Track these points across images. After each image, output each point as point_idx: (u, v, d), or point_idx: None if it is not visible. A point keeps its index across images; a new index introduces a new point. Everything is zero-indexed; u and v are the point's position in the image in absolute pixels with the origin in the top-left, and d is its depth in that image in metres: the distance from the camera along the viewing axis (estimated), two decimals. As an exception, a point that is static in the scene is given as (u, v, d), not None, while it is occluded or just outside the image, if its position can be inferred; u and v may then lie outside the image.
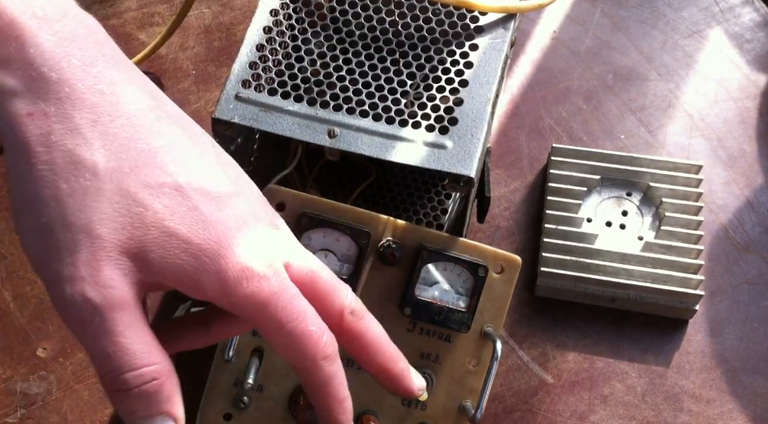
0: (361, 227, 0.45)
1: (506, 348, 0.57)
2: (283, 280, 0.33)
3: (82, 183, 0.30)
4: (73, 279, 0.29)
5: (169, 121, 0.33)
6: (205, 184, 0.32)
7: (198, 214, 0.32)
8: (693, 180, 0.60)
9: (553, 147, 0.61)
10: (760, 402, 0.55)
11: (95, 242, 0.30)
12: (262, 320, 0.32)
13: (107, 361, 0.30)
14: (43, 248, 0.30)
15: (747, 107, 0.66)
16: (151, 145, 0.32)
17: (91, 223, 0.30)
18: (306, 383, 0.35)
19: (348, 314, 0.35)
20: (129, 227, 0.30)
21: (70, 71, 0.31)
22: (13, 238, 0.59)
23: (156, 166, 0.31)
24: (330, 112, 0.46)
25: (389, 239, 0.46)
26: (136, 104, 0.32)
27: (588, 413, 0.55)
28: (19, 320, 0.57)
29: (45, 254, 0.30)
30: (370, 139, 0.45)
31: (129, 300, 0.30)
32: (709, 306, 0.58)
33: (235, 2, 0.70)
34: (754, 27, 0.70)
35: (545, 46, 0.69)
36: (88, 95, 0.31)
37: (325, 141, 0.45)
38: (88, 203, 0.30)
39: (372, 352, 0.36)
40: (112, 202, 0.30)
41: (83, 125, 0.30)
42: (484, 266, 0.46)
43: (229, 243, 0.32)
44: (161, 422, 0.31)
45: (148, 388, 0.30)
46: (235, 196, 0.33)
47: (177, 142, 0.32)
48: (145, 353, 0.30)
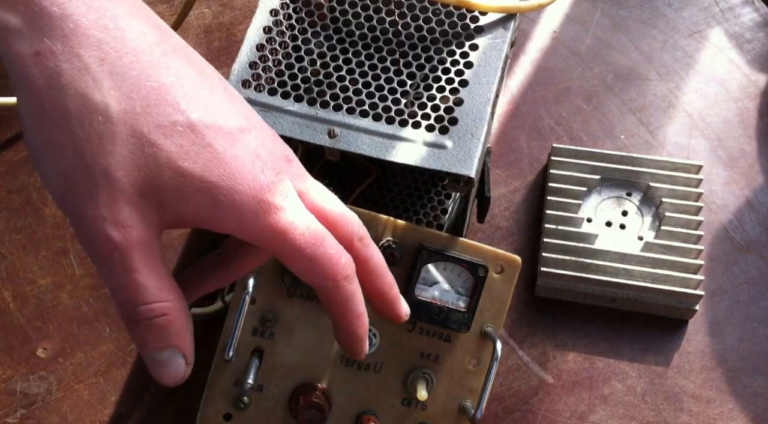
0: (361, 227, 0.45)
1: (506, 348, 0.57)
2: (299, 208, 0.34)
3: (97, 127, 0.30)
4: (95, 219, 0.31)
5: (177, 56, 0.33)
6: (217, 120, 0.33)
7: (212, 151, 0.32)
8: (693, 180, 0.60)
9: (553, 147, 0.61)
10: (760, 402, 0.55)
11: (114, 184, 0.31)
12: (283, 249, 0.33)
13: (123, 294, 0.32)
14: (65, 190, 0.31)
15: (747, 107, 0.66)
16: (161, 82, 0.32)
17: (109, 166, 0.30)
18: (328, 303, 0.36)
19: (357, 240, 0.37)
20: (144, 168, 0.31)
21: (72, 5, 0.30)
22: (12, 238, 0.59)
23: (167, 105, 0.31)
24: (330, 112, 0.46)
25: (389, 239, 0.46)
26: (142, 38, 0.32)
27: (588, 413, 0.55)
28: (19, 320, 0.57)
29: (68, 196, 0.31)
30: (370, 139, 0.45)
31: (146, 239, 0.31)
32: (709, 306, 0.58)
33: (235, 2, 0.70)
34: (754, 27, 0.70)
35: (545, 46, 0.69)
36: (93, 31, 0.31)
37: (325, 141, 0.45)
38: (104, 147, 0.30)
39: (375, 276, 0.38)
40: (128, 144, 0.31)
41: (91, 64, 0.30)
42: (484, 266, 0.46)
43: (243, 178, 0.32)
44: (170, 355, 0.33)
45: (158, 322, 0.32)
46: (247, 131, 0.34)
47: (186, 78, 0.33)
48: (158, 290, 0.32)
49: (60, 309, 0.57)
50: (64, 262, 0.59)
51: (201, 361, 0.55)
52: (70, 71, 0.30)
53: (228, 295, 0.53)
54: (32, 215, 0.60)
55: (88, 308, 0.57)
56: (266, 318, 0.45)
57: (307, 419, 0.45)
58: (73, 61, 0.30)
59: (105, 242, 0.31)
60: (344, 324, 0.37)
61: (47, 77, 0.30)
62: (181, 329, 0.33)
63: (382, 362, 0.47)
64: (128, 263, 0.31)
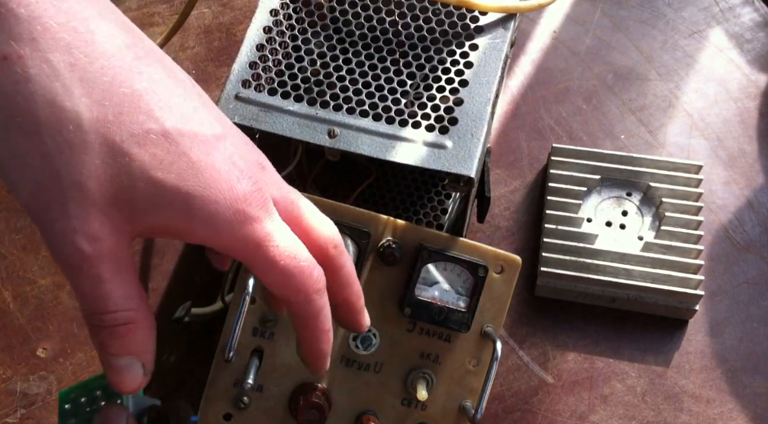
0: (361, 227, 0.45)
1: (506, 348, 0.57)
2: (275, 219, 0.33)
3: (67, 137, 0.29)
4: (65, 231, 0.30)
5: (149, 60, 0.32)
6: (192, 127, 0.32)
7: (187, 160, 0.31)
8: (693, 180, 0.60)
9: (553, 147, 0.61)
10: (760, 402, 0.55)
11: (85, 195, 0.30)
12: (256, 260, 0.33)
13: (90, 301, 0.31)
14: (34, 200, 0.30)
15: (747, 107, 0.66)
16: (134, 88, 0.31)
17: (81, 177, 0.30)
18: (297, 316, 0.36)
19: (332, 247, 0.36)
20: (117, 179, 0.30)
21: (39, 7, 0.29)
22: (12, 238, 0.59)
23: (141, 112, 0.30)
24: (330, 112, 0.46)
25: (389, 239, 0.46)
26: (113, 42, 0.31)
27: (588, 413, 0.55)
28: (19, 320, 0.57)
29: (38, 207, 0.30)
30: (370, 139, 0.45)
31: (116, 249, 0.31)
32: (709, 306, 0.58)
33: (235, 2, 0.70)
34: (754, 27, 0.70)
35: (545, 46, 0.69)
36: (63, 34, 0.29)
37: (325, 141, 0.45)
38: (75, 157, 0.29)
39: (345, 286, 0.38)
40: (100, 153, 0.30)
41: (61, 70, 0.29)
42: (484, 266, 0.46)
43: (220, 187, 0.32)
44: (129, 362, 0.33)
45: (121, 330, 0.32)
46: (223, 138, 0.33)
47: (159, 83, 0.31)
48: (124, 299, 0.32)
49: (60, 309, 0.57)
50: (64, 262, 0.59)
51: (201, 361, 0.56)
52: (39, 77, 0.29)
53: (228, 295, 0.52)
54: (32, 214, 0.60)
55: (88, 308, 0.57)
56: (266, 318, 0.45)
57: (307, 419, 0.45)
58: (42, 67, 0.29)
59: (74, 253, 0.30)
60: (309, 339, 0.36)
61: (14, 83, 0.29)
62: (143, 338, 0.33)
63: (382, 362, 0.47)
64: (97, 273, 0.31)
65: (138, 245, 0.59)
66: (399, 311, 0.46)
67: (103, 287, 0.31)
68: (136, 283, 0.32)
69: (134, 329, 0.32)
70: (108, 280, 0.31)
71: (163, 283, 0.58)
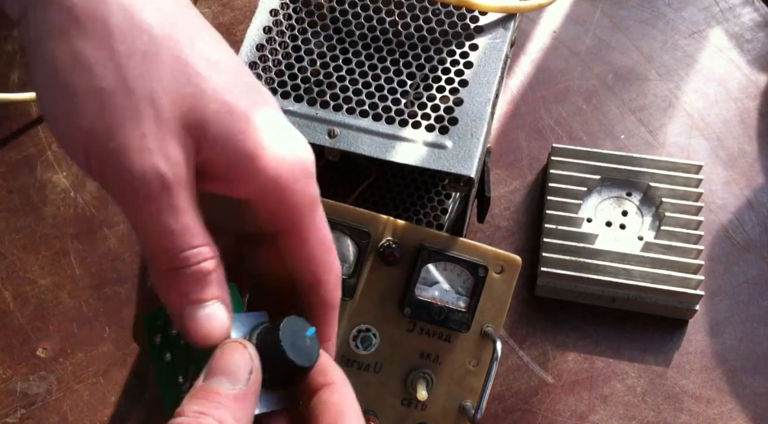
0: (361, 227, 0.45)
1: (506, 348, 0.57)
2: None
3: (140, 46, 0.27)
4: (142, 150, 0.27)
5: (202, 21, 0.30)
6: (243, 68, 0.30)
7: (261, 96, 0.30)
8: (693, 180, 0.60)
9: (553, 147, 0.61)
10: (760, 402, 0.55)
11: (159, 113, 0.27)
12: (305, 221, 0.31)
13: (169, 238, 0.28)
14: (101, 114, 0.27)
15: (747, 107, 0.66)
16: (195, 23, 0.29)
17: (154, 91, 0.27)
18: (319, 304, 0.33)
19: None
20: (189, 98, 0.28)
21: None
22: (12, 238, 0.59)
23: (213, 41, 0.29)
24: (330, 112, 0.46)
25: (389, 239, 0.46)
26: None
27: (588, 413, 0.55)
28: (19, 320, 0.57)
29: (104, 122, 0.27)
30: (370, 139, 0.45)
31: (190, 178, 0.28)
32: (709, 306, 0.58)
33: (235, 2, 0.70)
34: (754, 27, 0.70)
35: (545, 46, 0.69)
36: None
37: (325, 141, 0.45)
38: (148, 68, 0.27)
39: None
40: (172, 69, 0.28)
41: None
42: (484, 266, 0.46)
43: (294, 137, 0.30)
44: (214, 307, 0.29)
45: (204, 267, 0.28)
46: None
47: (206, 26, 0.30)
48: (204, 234, 0.28)
49: (60, 309, 0.57)
50: (64, 262, 0.59)
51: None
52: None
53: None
54: (32, 215, 0.60)
55: (88, 308, 0.57)
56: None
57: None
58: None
59: (154, 177, 0.27)
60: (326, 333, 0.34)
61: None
62: (222, 279, 0.29)
63: (382, 362, 0.47)
64: (176, 202, 0.27)
65: (139, 245, 0.59)
66: (399, 311, 0.46)
67: (182, 219, 0.28)
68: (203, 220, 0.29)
69: (216, 266, 0.29)
70: (187, 211, 0.28)
71: (163, 283, 0.58)
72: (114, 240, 0.59)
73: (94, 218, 0.60)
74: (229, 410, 0.27)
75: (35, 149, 0.63)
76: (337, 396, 0.31)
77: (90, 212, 0.60)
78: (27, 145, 0.63)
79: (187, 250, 0.28)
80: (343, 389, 0.32)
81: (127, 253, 0.59)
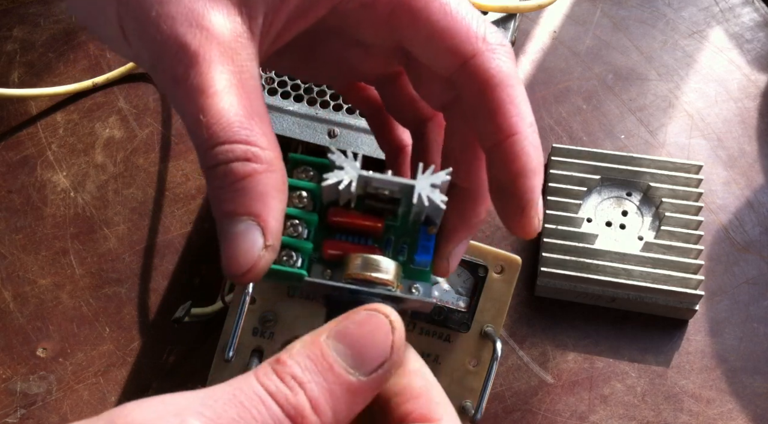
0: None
1: (506, 348, 0.57)
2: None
3: None
4: (169, 17, 0.22)
5: None
6: None
7: None
8: (693, 180, 0.60)
9: (553, 147, 0.61)
10: (760, 402, 0.55)
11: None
12: (512, 94, 0.25)
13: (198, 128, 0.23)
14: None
15: (747, 107, 0.66)
16: None
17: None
18: (511, 158, 0.27)
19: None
20: None
21: None
22: (12, 238, 0.59)
23: None
24: (330, 112, 0.46)
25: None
26: None
27: (588, 413, 0.55)
28: (19, 320, 0.57)
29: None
30: (370, 139, 0.45)
31: (249, 50, 0.23)
32: (709, 306, 0.58)
33: (235, 2, 0.70)
34: (754, 27, 0.70)
35: (545, 46, 0.69)
36: None
37: (325, 141, 0.45)
38: None
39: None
40: None
41: None
42: (484, 266, 0.46)
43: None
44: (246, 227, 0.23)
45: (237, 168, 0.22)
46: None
47: None
48: (246, 125, 0.23)
49: (60, 309, 0.57)
50: (64, 262, 0.59)
51: (201, 361, 0.56)
52: None
53: (228, 295, 0.53)
54: (32, 215, 0.60)
55: (88, 308, 0.57)
56: (266, 318, 0.45)
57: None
58: None
59: (179, 49, 0.22)
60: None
61: None
62: (266, 193, 0.22)
63: (382, 362, 0.47)
64: (206, 83, 0.22)
65: (139, 245, 0.59)
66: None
67: (216, 104, 0.22)
68: (267, 118, 0.23)
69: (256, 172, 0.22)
70: (221, 94, 0.22)
71: (164, 283, 0.58)
72: (114, 240, 0.59)
73: (94, 218, 0.60)
74: (332, 395, 0.22)
75: (35, 149, 0.63)
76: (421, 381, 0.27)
77: (90, 212, 0.60)
78: (26, 145, 0.63)
79: (218, 145, 0.22)
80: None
81: (127, 253, 0.59)
